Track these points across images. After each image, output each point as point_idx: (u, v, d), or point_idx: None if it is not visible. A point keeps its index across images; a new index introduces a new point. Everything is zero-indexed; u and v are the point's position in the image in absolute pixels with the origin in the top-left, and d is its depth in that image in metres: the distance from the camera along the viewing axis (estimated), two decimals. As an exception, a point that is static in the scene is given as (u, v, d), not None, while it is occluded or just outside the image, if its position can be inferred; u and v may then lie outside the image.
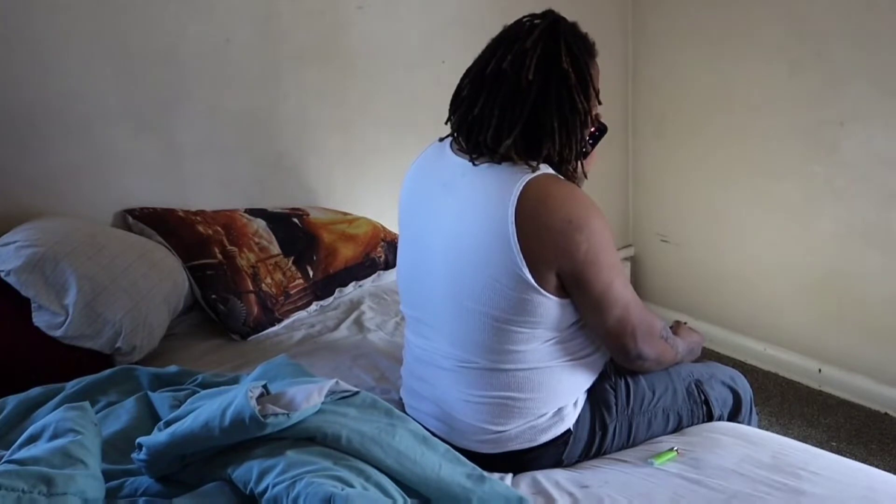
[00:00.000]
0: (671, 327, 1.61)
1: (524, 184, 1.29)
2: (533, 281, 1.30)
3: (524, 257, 1.29)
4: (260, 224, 2.17)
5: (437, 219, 1.42)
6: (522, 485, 1.39)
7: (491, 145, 1.33)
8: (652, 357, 1.46)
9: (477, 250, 1.33)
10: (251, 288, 2.01)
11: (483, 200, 1.33)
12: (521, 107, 1.31)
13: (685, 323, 1.72)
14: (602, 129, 1.48)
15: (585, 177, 1.45)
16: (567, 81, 1.32)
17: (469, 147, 1.38)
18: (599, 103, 1.39)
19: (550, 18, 1.36)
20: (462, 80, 1.41)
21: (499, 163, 1.34)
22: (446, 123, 1.44)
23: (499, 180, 1.32)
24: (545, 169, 1.34)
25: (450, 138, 1.45)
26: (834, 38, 2.48)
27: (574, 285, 1.33)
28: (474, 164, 1.36)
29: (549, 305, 1.34)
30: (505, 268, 1.30)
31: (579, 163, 1.38)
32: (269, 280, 2.05)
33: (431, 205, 1.44)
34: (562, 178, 1.38)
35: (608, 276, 1.33)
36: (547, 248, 1.29)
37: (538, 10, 1.41)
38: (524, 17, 1.38)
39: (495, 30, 1.41)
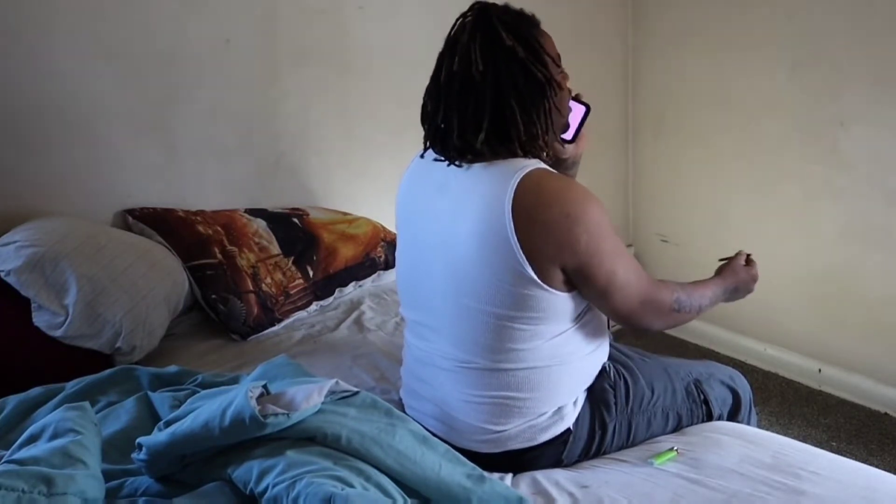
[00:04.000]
0: (732, 257, 1.62)
1: (518, 180, 1.30)
2: (535, 276, 1.30)
3: (525, 253, 1.29)
4: (260, 224, 2.17)
5: (433, 221, 1.42)
6: (522, 485, 1.39)
7: (460, 147, 1.35)
8: (665, 327, 1.51)
9: (476, 249, 1.33)
10: (251, 288, 2.01)
11: (478, 200, 1.33)
12: (481, 100, 1.32)
13: (747, 255, 1.64)
14: (586, 108, 1.48)
15: (562, 150, 1.47)
16: (515, 56, 1.32)
17: (445, 155, 1.39)
18: (559, 66, 1.38)
19: (478, 8, 1.36)
20: (424, 97, 1.42)
21: (489, 161, 1.34)
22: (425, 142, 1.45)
23: (492, 179, 1.32)
24: (538, 164, 1.34)
25: (429, 151, 1.45)
26: (834, 38, 2.48)
27: (579, 278, 1.35)
28: (458, 167, 1.37)
29: (552, 300, 1.34)
30: (506, 265, 1.31)
31: (552, 137, 1.38)
32: (269, 280, 2.05)
33: (428, 207, 1.44)
34: (555, 172, 1.38)
35: (611, 264, 1.34)
36: (548, 243, 1.29)
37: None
38: (457, 18, 1.38)
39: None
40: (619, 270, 1.35)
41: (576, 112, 1.49)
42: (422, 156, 1.46)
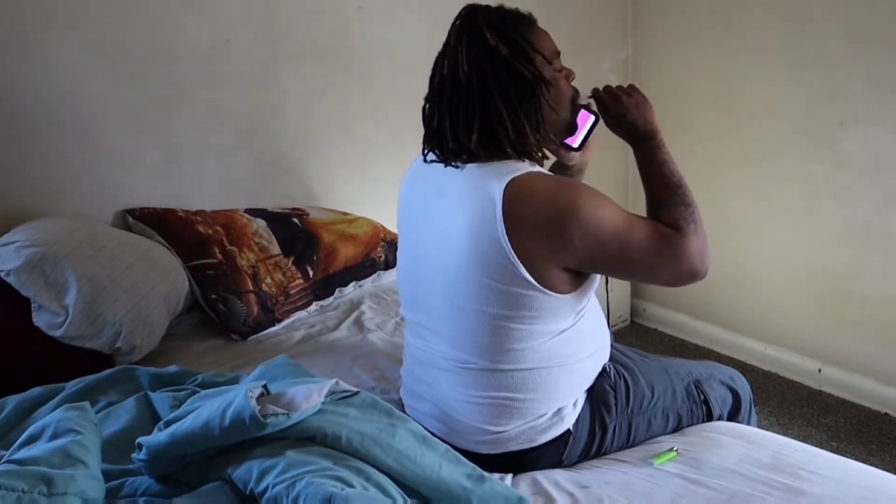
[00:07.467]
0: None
1: (508, 182, 1.29)
2: (531, 278, 1.30)
3: (519, 255, 1.29)
4: (260, 224, 2.17)
5: (431, 222, 1.42)
6: (522, 485, 1.39)
7: (455, 149, 1.35)
8: (699, 253, 1.37)
9: (468, 250, 1.33)
10: (251, 288, 2.01)
11: (470, 202, 1.33)
12: (470, 101, 1.33)
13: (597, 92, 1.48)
14: (595, 117, 1.47)
15: (566, 154, 1.48)
16: (499, 55, 1.32)
17: (441, 157, 1.40)
18: (551, 64, 1.38)
19: (467, 10, 1.37)
20: (423, 100, 1.43)
21: (484, 162, 1.35)
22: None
23: (484, 182, 1.33)
24: (529, 168, 1.35)
25: (429, 153, 1.46)
26: (834, 38, 2.48)
27: (591, 270, 1.36)
28: (456, 167, 1.37)
29: (547, 300, 1.34)
30: (497, 266, 1.31)
31: (545, 135, 1.37)
32: (269, 280, 2.05)
33: (426, 208, 1.45)
34: (547, 173, 1.38)
35: (615, 247, 1.32)
36: (541, 246, 1.29)
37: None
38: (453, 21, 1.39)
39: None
40: (628, 248, 1.32)
41: (584, 120, 1.48)
42: (424, 157, 1.46)
